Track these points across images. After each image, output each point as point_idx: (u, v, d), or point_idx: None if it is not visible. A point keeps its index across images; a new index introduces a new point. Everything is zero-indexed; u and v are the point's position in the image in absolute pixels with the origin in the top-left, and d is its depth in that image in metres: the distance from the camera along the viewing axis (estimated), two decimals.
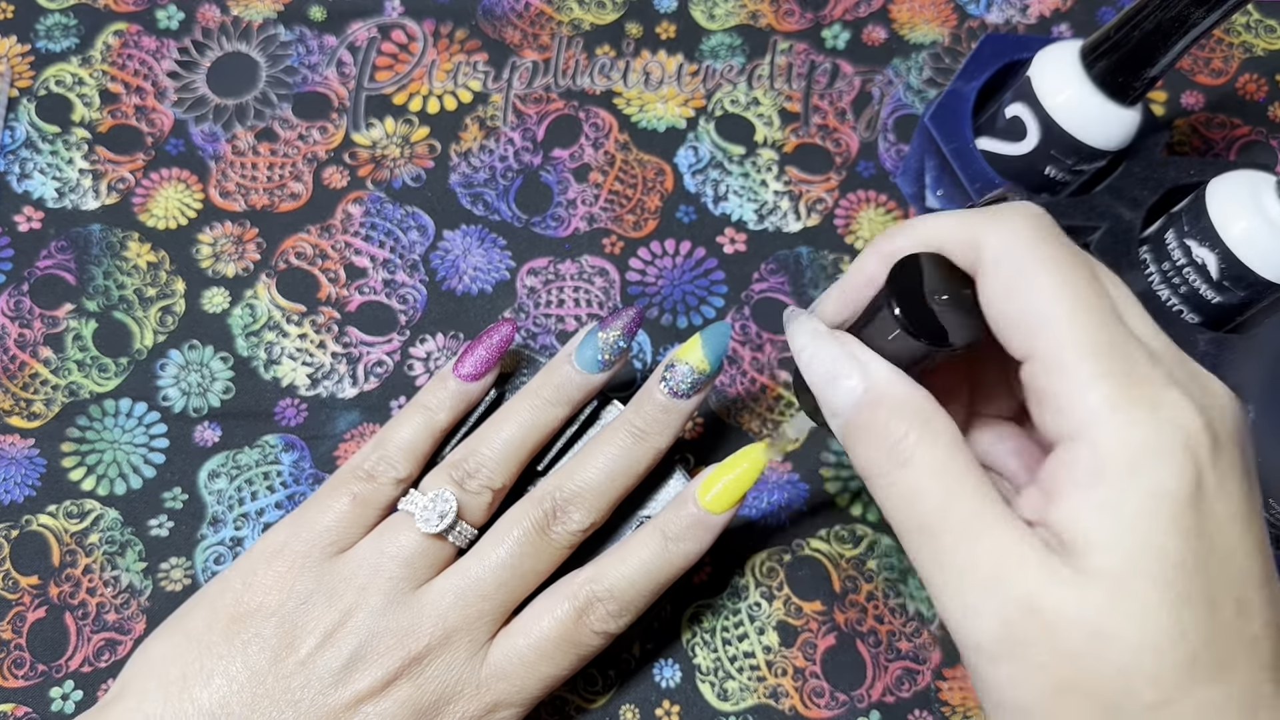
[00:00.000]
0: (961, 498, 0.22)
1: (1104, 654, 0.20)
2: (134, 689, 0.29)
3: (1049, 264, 0.22)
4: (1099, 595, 0.20)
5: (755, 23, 0.45)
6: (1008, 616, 0.21)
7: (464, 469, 0.31)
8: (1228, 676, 0.20)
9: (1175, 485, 0.20)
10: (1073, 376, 0.21)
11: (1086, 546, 0.20)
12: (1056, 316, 0.22)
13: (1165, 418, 0.21)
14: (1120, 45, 0.34)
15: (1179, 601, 0.20)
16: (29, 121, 0.41)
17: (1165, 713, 0.20)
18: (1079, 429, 0.21)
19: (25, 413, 0.36)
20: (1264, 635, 0.21)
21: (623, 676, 0.34)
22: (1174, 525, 0.20)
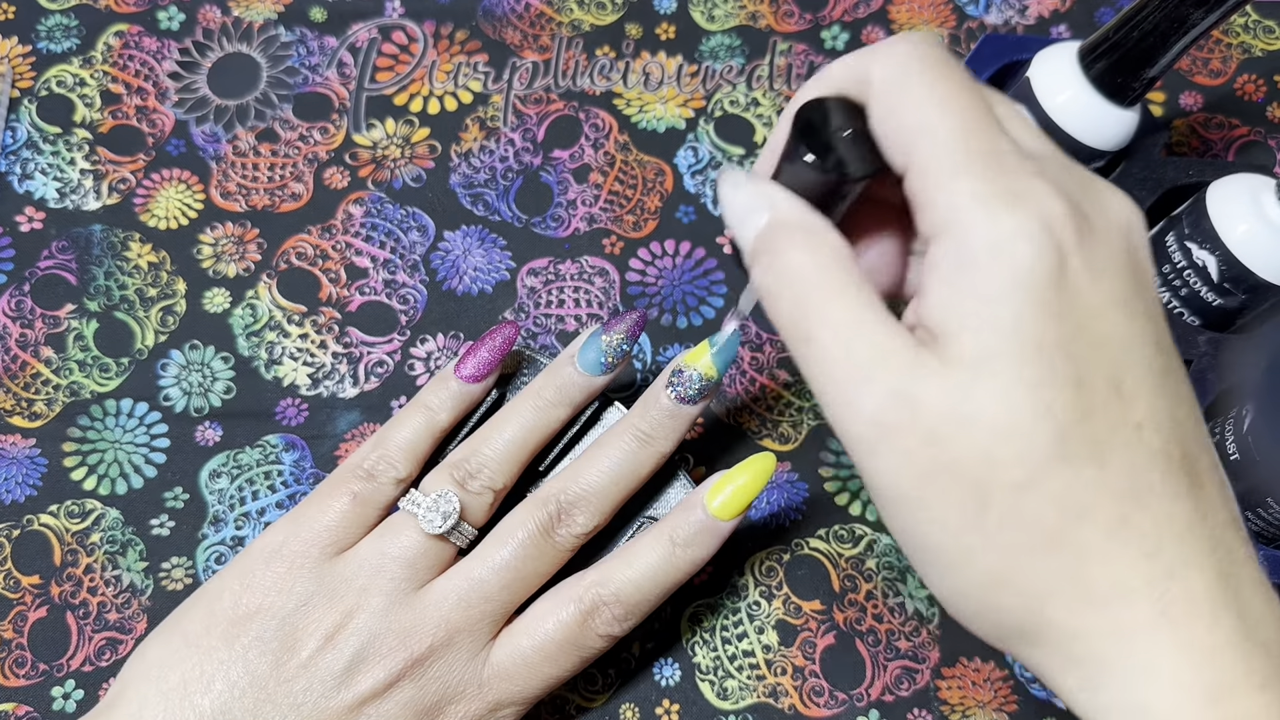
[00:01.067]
0: (840, 303, 0.22)
1: (968, 436, 0.20)
2: (133, 694, 0.29)
3: (926, 79, 0.22)
4: (961, 379, 0.20)
5: (755, 24, 0.45)
6: (879, 408, 0.21)
7: (465, 469, 0.31)
8: (1103, 459, 0.20)
9: (1034, 266, 0.20)
10: (942, 174, 0.21)
11: (950, 335, 0.21)
12: (929, 124, 0.22)
13: (1027, 204, 0.20)
14: (1119, 46, 0.34)
15: (1041, 381, 0.20)
16: (30, 122, 0.41)
17: (1032, 492, 0.20)
18: (945, 224, 0.21)
19: (26, 412, 0.36)
20: (1150, 425, 0.21)
21: (623, 675, 0.34)
22: (1033, 306, 0.20)
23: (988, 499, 0.20)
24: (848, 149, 0.24)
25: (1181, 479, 0.21)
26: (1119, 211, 0.22)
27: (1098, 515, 0.20)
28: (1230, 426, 0.33)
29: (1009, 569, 0.21)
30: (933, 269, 0.21)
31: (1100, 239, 0.21)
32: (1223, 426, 0.34)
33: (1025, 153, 0.22)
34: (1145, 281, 0.22)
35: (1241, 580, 0.21)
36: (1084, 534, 0.20)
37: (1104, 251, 0.21)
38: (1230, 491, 0.22)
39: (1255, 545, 0.33)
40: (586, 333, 0.33)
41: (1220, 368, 0.35)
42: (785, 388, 0.39)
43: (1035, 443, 0.20)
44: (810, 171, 0.24)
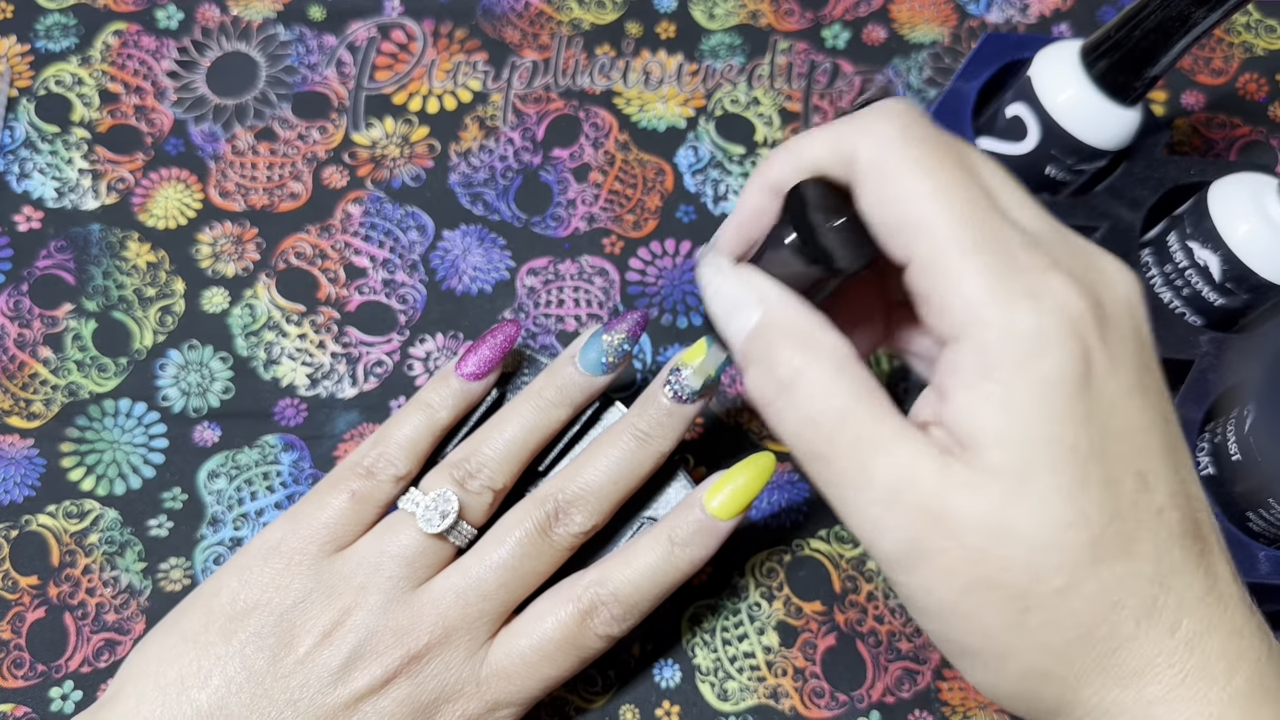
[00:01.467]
0: (851, 416, 0.21)
1: (1007, 549, 0.20)
2: (131, 690, 0.29)
3: (917, 165, 0.21)
4: (996, 492, 0.20)
5: (755, 22, 0.45)
6: (911, 527, 0.21)
7: (465, 469, 0.31)
8: (1134, 551, 0.21)
9: (1063, 372, 0.20)
10: (950, 275, 0.21)
11: (980, 444, 0.20)
12: (928, 217, 0.21)
13: (1047, 305, 0.20)
14: (1121, 45, 0.34)
15: (1075, 487, 0.20)
16: (28, 121, 0.40)
17: (1073, 595, 0.20)
18: (963, 327, 0.21)
19: (25, 413, 0.36)
20: (1170, 505, 0.21)
21: (622, 677, 0.34)
22: (1065, 412, 0.20)
23: (1029, 606, 0.21)
24: (840, 239, 0.23)
25: (1194, 549, 0.21)
26: (1123, 286, 0.22)
27: (1129, 604, 0.21)
28: (1232, 427, 0.33)
29: (1048, 663, 0.21)
30: (953, 374, 0.21)
31: (1115, 326, 0.21)
32: (1224, 427, 0.34)
33: (1030, 237, 0.21)
34: (1151, 357, 0.22)
35: (1249, 633, 0.22)
36: (1118, 621, 0.21)
37: (1119, 338, 0.21)
38: (1224, 541, 0.23)
39: (1256, 547, 0.33)
40: (587, 333, 0.33)
41: (1222, 368, 0.35)
42: None
43: (1073, 551, 0.20)
44: (800, 262, 0.23)
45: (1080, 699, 0.21)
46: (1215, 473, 0.34)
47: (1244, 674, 0.21)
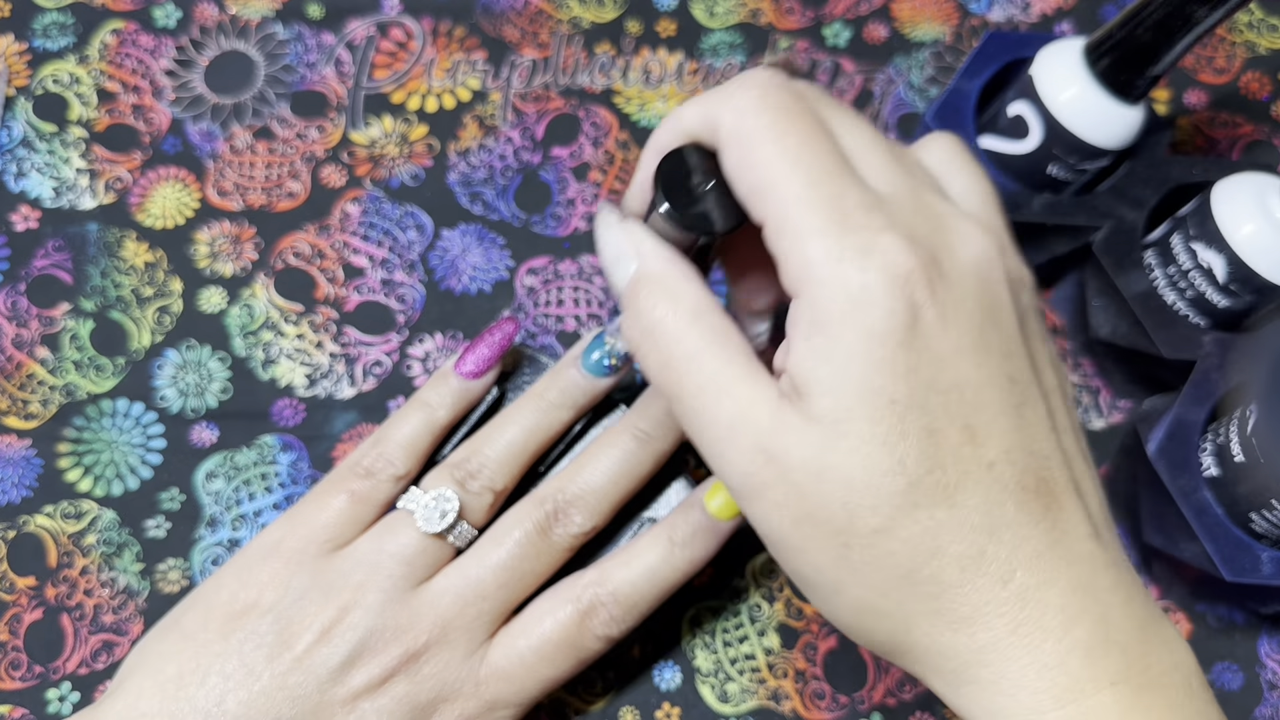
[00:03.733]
0: (701, 360, 0.23)
1: (825, 488, 0.22)
2: (130, 686, 0.29)
3: (769, 130, 0.23)
4: (818, 436, 0.22)
5: (756, 20, 0.44)
6: (748, 463, 0.22)
7: (466, 469, 0.31)
8: (957, 500, 0.21)
9: (886, 326, 0.21)
10: (793, 235, 0.22)
11: (810, 392, 0.22)
12: (776, 180, 0.22)
13: (875, 262, 0.21)
14: (1123, 43, 0.34)
15: (893, 436, 0.21)
16: (25, 120, 0.40)
17: (890, 536, 0.22)
18: (801, 284, 0.22)
19: (22, 413, 0.36)
20: (1004, 460, 0.22)
21: (622, 678, 0.34)
22: (886, 364, 0.21)
23: (849, 543, 0.22)
24: (709, 202, 0.25)
25: (1036, 505, 0.22)
26: (971, 249, 0.23)
27: (951, 551, 0.22)
28: (1235, 428, 0.33)
29: (875, 598, 0.22)
30: (793, 326, 0.22)
31: (953, 284, 0.22)
32: (1227, 428, 0.33)
33: (875, 198, 0.22)
34: (999, 317, 0.23)
35: (1100, 588, 0.22)
36: (939, 569, 0.22)
37: (956, 297, 0.22)
38: (1097, 500, 0.24)
39: (1259, 548, 0.33)
40: (590, 335, 0.33)
41: (1225, 368, 0.35)
42: None
43: (889, 494, 0.21)
44: (671, 224, 0.25)
45: (912, 639, 0.22)
46: (1219, 474, 0.33)
47: (1087, 627, 0.21)
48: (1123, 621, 0.22)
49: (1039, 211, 0.37)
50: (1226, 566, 0.32)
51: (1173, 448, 0.34)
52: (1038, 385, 0.23)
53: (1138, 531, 0.36)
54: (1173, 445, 0.34)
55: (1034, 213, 0.37)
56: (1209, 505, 0.33)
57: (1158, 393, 0.37)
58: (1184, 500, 0.33)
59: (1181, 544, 0.34)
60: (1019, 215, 0.37)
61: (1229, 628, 0.36)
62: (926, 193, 0.23)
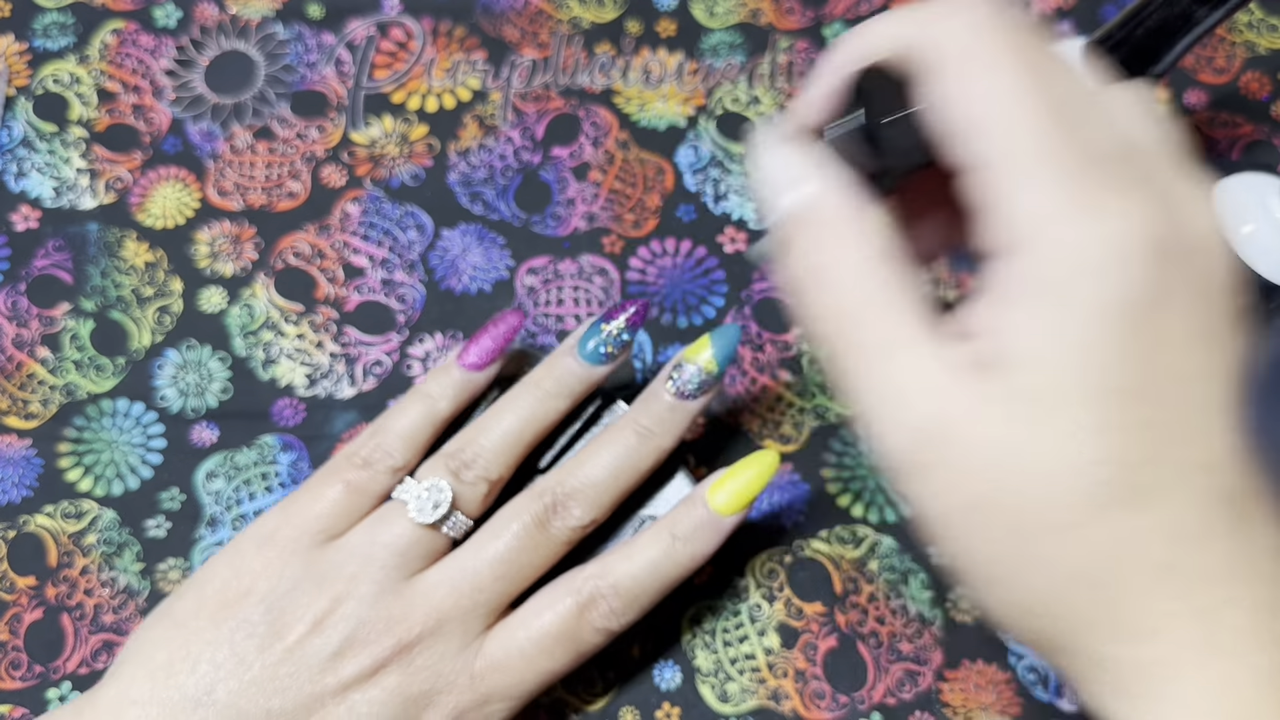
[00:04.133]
0: (877, 313, 0.20)
1: (1013, 476, 0.19)
2: (122, 674, 0.29)
3: (995, 62, 0.20)
4: (1017, 414, 0.19)
5: (756, 20, 0.44)
6: (919, 434, 0.20)
7: (460, 459, 0.31)
8: (1158, 505, 0.19)
9: (1123, 298, 0.18)
10: (1014, 183, 0.19)
11: (1013, 363, 0.19)
12: (998, 119, 0.19)
13: (1115, 224, 0.18)
14: (1123, 43, 0.34)
15: (1105, 429, 0.19)
16: (26, 120, 0.40)
17: (1076, 536, 0.19)
18: (1019, 239, 0.19)
19: (22, 413, 0.36)
20: (1212, 465, 0.20)
21: (622, 678, 0.34)
22: (1115, 342, 0.18)
23: (1028, 537, 0.19)
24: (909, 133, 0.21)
25: (1232, 516, 0.20)
26: (1210, 223, 0.20)
27: (1144, 560, 0.19)
28: None
29: (1044, 599, 0.20)
30: (1001, 286, 0.20)
31: (1191, 259, 0.19)
32: None
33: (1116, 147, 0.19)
34: (1227, 301, 0.20)
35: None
36: (1125, 574, 0.19)
37: (1193, 274, 0.19)
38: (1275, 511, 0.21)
39: None
40: (587, 322, 0.33)
41: None
42: (787, 388, 0.38)
43: (1086, 489, 0.19)
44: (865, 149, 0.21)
45: (1075, 644, 0.20)
46: None
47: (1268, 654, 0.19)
48: None
49: None
50: None
51: None
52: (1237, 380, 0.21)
53: None
54: None
55: None
56: None
57: None
58: None
59: None
60: None
61: None
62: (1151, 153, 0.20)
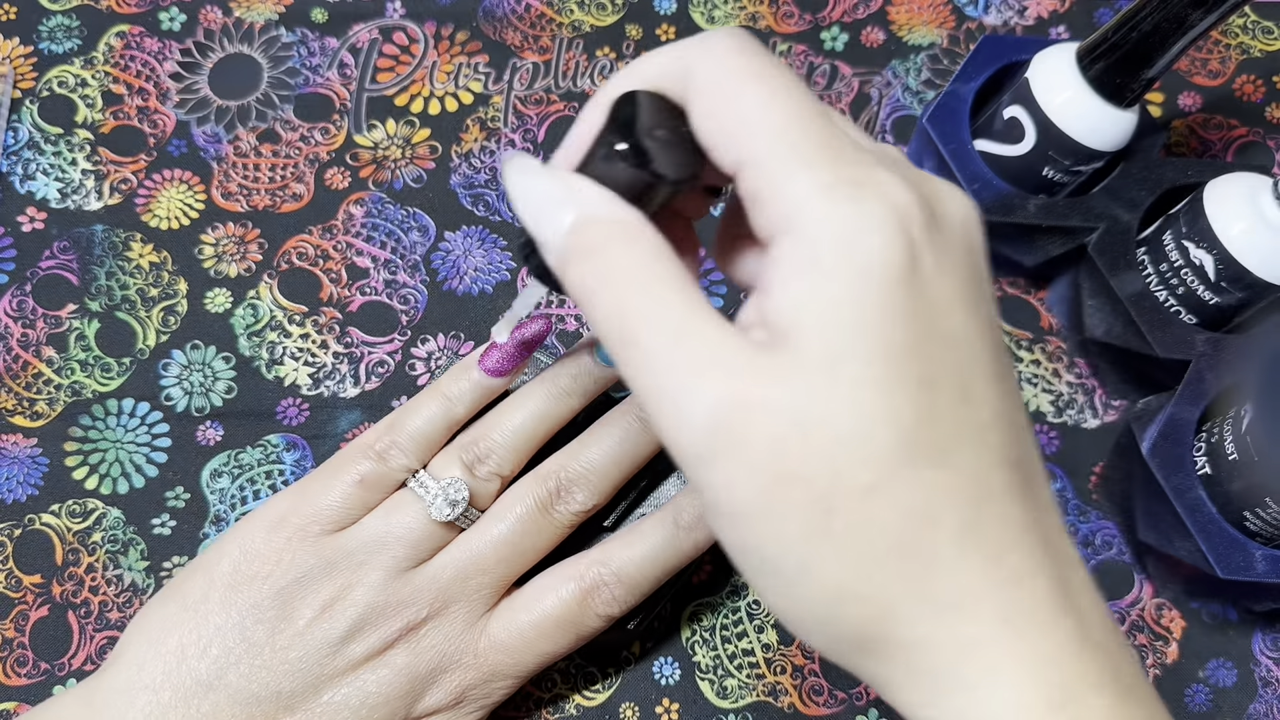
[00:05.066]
0: (663, 305, 0.20)
1: (810, 440, 0.19)
2: (131, 657, 0.29)
3: (751, 73, 0.21)
4: (804, 381, 0.19)
5: (754, 24, 0.45)
6: (715, 415, 0.19)
7: (475, 453, 0.31)
8: (950, 462, 0.19)
9: (886, 261, 0.19)
10: (780, 170, 0.20)
11: (796, 335, 0.19)
12: (762, 118, 0.21)
13: (872, 194, 0.19)
14: (1118, 47, 0.34)
15: (889, 383, 0.19)
16: (32, 123, 0.41)
17: (878, 495, 0.19)
18: (787, 220, 0.20)
19: (28, 412, 0.37)
20: (994, 426, 0.20)
21: (622, 674, 0.34)
22: (885, 303, 0.19)
23: (833, 506, 0.19)
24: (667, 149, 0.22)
25: (1018, 481, 0.20)
26: (961, 207, 0.21)
27: (946, 520, 0.19)
28: (1229, 427, 0.33)
29: (853, 579, 0.20)
30: (776, 265, 0.20)
31: (946, 234, 0.20)
32: (1221, 427, 0.34)
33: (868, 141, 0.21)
34: (986, 283, 0.21)
35: (1073, 583, 0.20)
36: (933, 539, 0.19)
37: (950, 244, 0.20)
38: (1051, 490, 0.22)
39: (1253, 546, 0.33)
40: None
41: (1219, 368, 0.35)
42: None
43: (883, 446, 0.19)
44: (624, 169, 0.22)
45: (889, 629, 0.20)
46: (1212, 472, 0.34)
47: (1070, 624, 0.20)
48: (1098, 621, 0.21)
49: (1034, 213, 0.38)
50: (1220, 564, 0.33)
51: (1167, 447, 0.34)
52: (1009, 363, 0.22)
53: (1132, 529, 0.36)
54: (1167, 444, 0.34)
55: (1029, 214, 0.38)
56: (1203, 504, 0.33)
57: (1152, 392, 0.37)
58: (1178, 499, 0.33)
59: (1176, 542, 0.34)
60: (1014, 217, 0.37)
61: (1223, 625, 0.37)
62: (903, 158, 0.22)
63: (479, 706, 0.31)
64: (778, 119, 0.20)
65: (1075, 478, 0.38)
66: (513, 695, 0.32)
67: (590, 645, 0.33)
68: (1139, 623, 0.36)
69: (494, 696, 0.31)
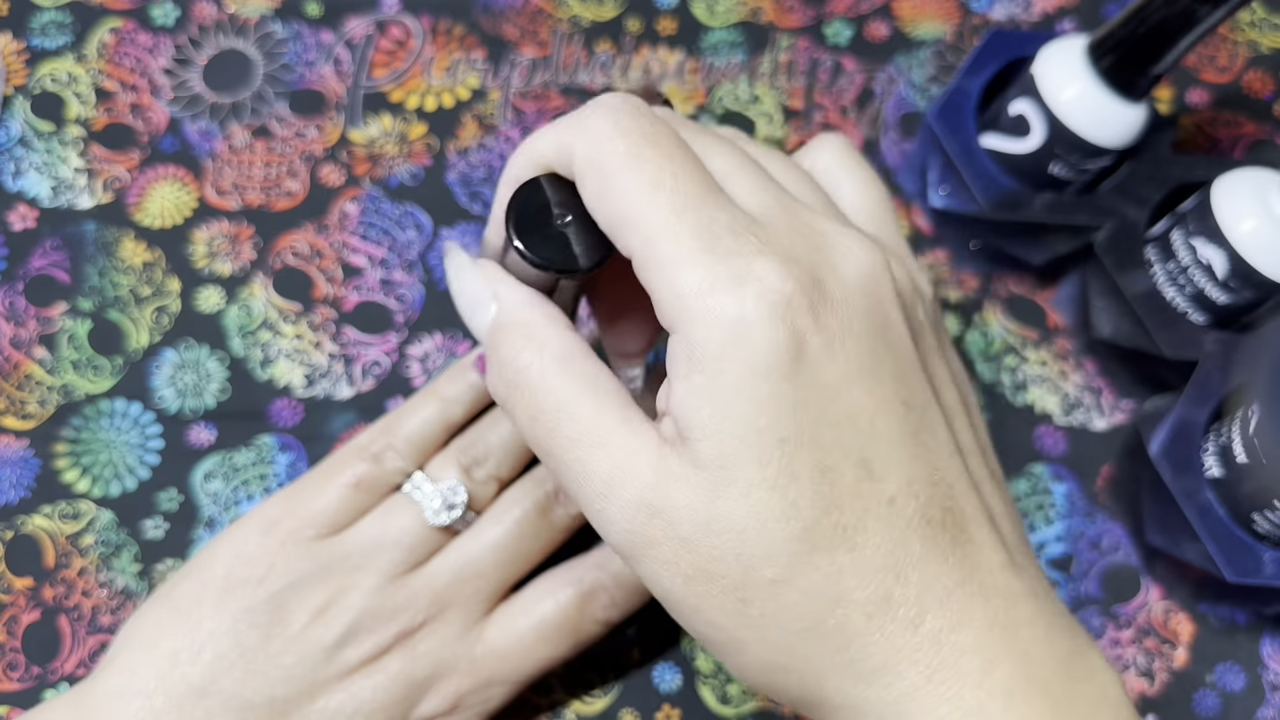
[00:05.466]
0: (571, 411, 0.21)
1: (716, 539, 0.20)
2: (123, 662, 0.29)
3: (626, 158, 0.21)
4: (704, 484, 0.20)
5: (756, 19, 0.44)
6: (630, 520, 0.21)
7: (472, 455, 0.31)
8: (858, 541, 0.20)
9: (768, 358, 0.20)
10: (661, 266, 0.20)
11: (693, 436, 0.20)
12: (637, 210, 0.21)
13: (752, 290, 0.20)
14: (1126, 41, 0.34)
15: (783, 478, 0.20)
16: (23, 119, 0.40)
17: (789, 586, 0.20)
18: (675, 318, 0.20)
19: (19, 413, 0.36)
20: (905, 494, 0.20)
21: (622, 680, 0.34)
22: (770, 400, 0.20)
23: (747, 597, 0.20)
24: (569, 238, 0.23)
25: (944, 539, 0.21)
26: (856, 265, 0.21)
27: (855, 597, 0.20)
28: (1237, 427, 0.33)
29: (780, 656, 0.21)
30: (672, 364, 0.21)
31: (837, 306, 0.21)
32: (1230, 428, 0.33)
33: (747, 220, 0.21)
34: (890, 337, 0.21)
35: (1018, 623, 0.21)
36: (844, 618, 0.20)
37: (842, 319, 0.21)
38: (1011, 524, 0.22)
39: (1262, 549, 0.32)
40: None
41: (1228, 368, 0.35)
42: None
43: (783, 540, 0.20)
44: (526, 265, 0.23)
45: (824, 695, 0.21)
46: (1221, 474, 0.33)
47: (1006, 668, 0.20)
48: (1044, 657, 0.21)
49: (1041, 210, 0.37)
50: (1229, 567, 0.32)
51: (1175, 448, 0.34)
52: (938, 406, 0.22)
53: (1140, 532, 0.36)
54: (1175, 446, 0.34)
55: (1036, 212, 0.37)
56: (1211, 506, 0.33)
57: (1160, 393, 0.37)
58: (1186, 501, 0.33)
59: (1184, 545, 0.34)
60: (1021, 214, 0.37)
61: (1231, 628, 0.36)
62: (803, 211, 0.22)
63: (476, 714, 0.30)
64: (651, 213, 0.21)
65: (1083, 480, 0.38)
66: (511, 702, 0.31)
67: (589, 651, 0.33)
68: (1146, 626, 0.36)
69: (492, 703, 0.30)
